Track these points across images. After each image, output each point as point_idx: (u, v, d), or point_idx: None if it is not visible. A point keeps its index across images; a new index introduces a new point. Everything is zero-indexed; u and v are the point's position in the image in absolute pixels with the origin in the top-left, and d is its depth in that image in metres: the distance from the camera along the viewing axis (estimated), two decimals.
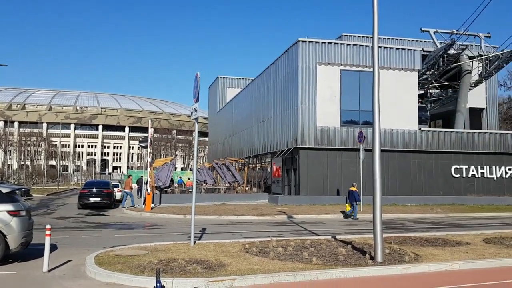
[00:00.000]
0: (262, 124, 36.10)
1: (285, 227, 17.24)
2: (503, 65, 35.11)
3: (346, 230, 16.20)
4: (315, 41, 29.07)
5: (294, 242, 11.36)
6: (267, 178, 36.18)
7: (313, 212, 22.62)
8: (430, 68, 34.60)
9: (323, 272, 8.28)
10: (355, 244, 11.26)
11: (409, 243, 11.78)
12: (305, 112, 28.50)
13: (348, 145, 28.79)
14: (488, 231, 14.81)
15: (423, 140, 30.35)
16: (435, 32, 35.09)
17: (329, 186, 28.71)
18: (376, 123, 9.82)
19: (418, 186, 30.21)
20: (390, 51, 30.19)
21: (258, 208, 23.92)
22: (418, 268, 8.98)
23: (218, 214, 21.12)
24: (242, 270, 8.31)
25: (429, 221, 20.29)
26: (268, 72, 35.11)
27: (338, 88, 29.06)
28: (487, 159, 31.54)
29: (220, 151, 51.84)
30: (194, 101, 11.48)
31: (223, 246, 11.00)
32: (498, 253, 10.47)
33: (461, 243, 11.89)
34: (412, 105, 30.47)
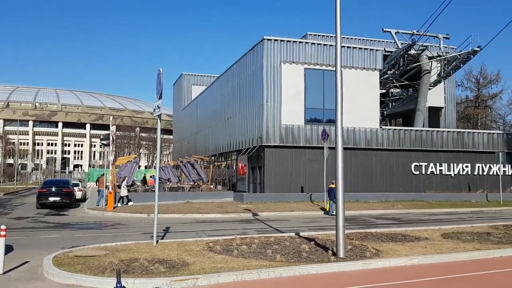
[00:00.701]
0: (227, 122, 36.00)
1: (250, 224, 17.25)
2: (460, 65, 36.41)
3: (310, 227, 16.38)
4: (280, 40, 29.22)
5: (258, 240, 11.37)
6: (232, 176, 36.13)
7: (278, 209, 22.75)
8: (391, 68, 35.50)
9: (287, 269, 8.32)
10: (318, 241, 11.39)
11: (371, 239, 12.02)
12: (270, 110, 28.61)
13: (312, 143, 29.12)
14: (446, 226, 15.31)
15: (384, 138, 31.07)
16: (397, 32, 36.00)
17: (294, 183, 28.95)
18: (338, 122, 9.96)
19: (379, 183, 30.90)
20: (353, 50, 30.71)
21: (223, 206, 23.85)
22: (379, 264, 9.17)
23: (182, 212, 20.91)
24: (206, 269, 8.25)
25: (390, 217, 20.79)
26: (234, 69, 35.03)
27: (302, 86, 29.33)
28: (445, 157, 32.62)
29: (185, 149, 51.37)
30: (157, 98, 11.29)
31: (187, 245, 10.89)
32: (455, 248, 10.83)
33: (420, 238, 12.23)
34: (374, 104, 31.13)
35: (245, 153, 31.14)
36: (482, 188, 32.54)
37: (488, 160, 33.30)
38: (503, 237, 12.56)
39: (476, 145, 33.38)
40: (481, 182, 33.14)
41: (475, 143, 33.42)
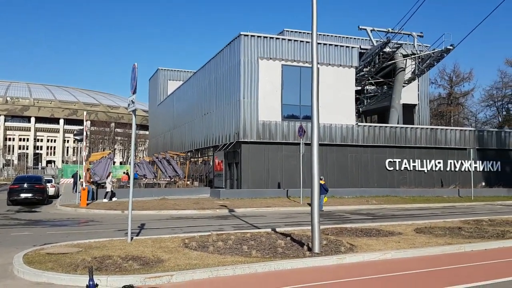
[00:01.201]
0: (204, 118, 35.81)
1: (226, 221, 17.22)
2: (434, 63, 37.12)
3: (286, 222, 16.45)
4: (257, 36, 29.19)
5: (234, 236, 11.36)
6: (209, 172, 36.00)
7: (254, 205, 22.78)
8: (367, 65, 35.93)
9: (262, 265, 8.34)
10: (294, 236, 11.45)
11: (345, 234, 12.15)
12: (247, 106, 28.58)
13: (289, 139, 29.24)
14: (419, 221, 15.60)
15: (359, 134, 31.43)
16: (372, 30, 36.43)
17: (271, 179, 29.04)
18: (314, 118, 10.01)
19: (354, 178, 31.28)
20: (329, 47, 30.92)
21: (200, 202, 23.75)
22: (353, 258, 9.28)
23: (158, 209, 20.72)
24: (181, 265, 8.19)
25: (364, 213, 21.08)
26: (211, 65, 34.83)
27: (279, 83, 29.39)
28: (419, 153, 33.24)
29: (161, 145, 50.91)
30: (131, 93, 11.13)
31: (162, 241, 10.79)
32: (427, 242, 11.04)
33: (394, 233, 12.44)
34: (350, 101, 31.44)
35: (222, 149, 31.05)
36: (454, 184, 33.31)
37: (460, 156, 34.09)
38: (474, 231, 12.87)
39: (448, 142, 34.12)
40: (453, 178, 33.91)
41: (448, 139, 34.17)
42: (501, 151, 35.97)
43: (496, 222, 15.30)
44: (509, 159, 36.38)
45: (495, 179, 34.89)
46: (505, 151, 36.15)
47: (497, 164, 35.76)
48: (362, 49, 34.75)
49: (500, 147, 35.91)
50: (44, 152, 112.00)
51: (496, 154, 35.81)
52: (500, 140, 36.17)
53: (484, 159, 35.31)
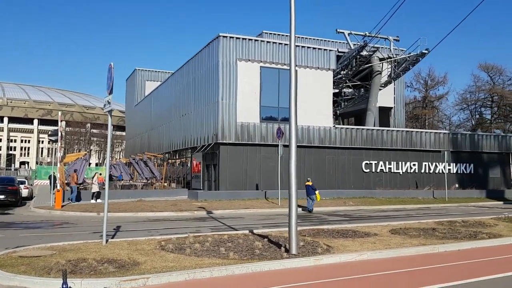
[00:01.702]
0: (182, 119, 35.59)
1: (204, 222, 17.14)
2: (409, 67, 37.78)
3: (264, 224, 16.47)
4: (236, 37, 29.19)
5: (211, 238, 11.31)
6: (187, 173, 35.78)
7: (232, 207, 22.74)
8: (344, 68, 36.33)
9: (239, 267, 8.32)
10: (271, 238, 11.48)
11: (322, 235, 12.25)
12: (225, 107, 28.53)
13: (267, 140, 29.31)
14: (394, 223, 15.84)
15: (337, 136, 31.74)
16: (349, 33, 36.84)
17: (249, 181, 29.04)
18: (292, 120, 10.07)
19: (332, 180, 31.55)
20: (308, 50, 31.15)
21: (177, 204, 23.56)
22: (330, 259, 9.35)
23: (134, 211, 20.47)
24: (157, 268, 8.11)
25: (341, 214, 21.28)
26: (189, 66, 34.66)
27: (258, 84, 29.45)
28: (394, 155, 33.76)
29: (138, 146, 50.35)
30: (107, 93, 10.99)
31: (138, 244, 10.67)
32: (402, 243, 11.22)
33: (370, 234, 12.59)
34: (328, 103, 31.73)
35: (200, 151, 30.91)
36: (429, 186, 33.94)
37: (434, 158, 34.77)
38: (447, 232, 13.13)
39: (423, 144, 34.76)
40: (427, 179, 34.56)
41: (423, 142, 34.81)
42: (474, 153, 36.85)
43: (469, 223, 15.64)
44: (482, 162, 37.31)
45: (468, 181, 35.71)
46: (478, 153, 37.05)
47: (470, 166, 36.62)
48: (339, 52, 35.12)
49: (473, 150, 36.78)
50: (17, 153, 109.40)
51: (469, 156, 36.67)
52: (473, 143, 37.05)
53: (458, 161, 36.11)
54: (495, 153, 37.85)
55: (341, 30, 36.97)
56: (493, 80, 62.73)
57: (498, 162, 38.08)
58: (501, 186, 37.13)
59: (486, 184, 36.43)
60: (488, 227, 14.62)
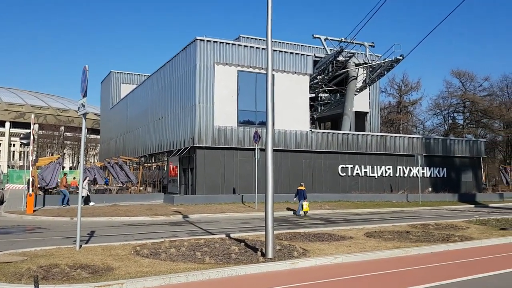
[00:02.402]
0: (158, 122, 35.28)
1: (180, 227, 17.00)
2: (384, 73, 38.43)
3: (240, 228, 16.44)
4: (213, 41, 29.16)
5: (187, 242, 11.23)
6: (163, 177, 35.45)
7: (209, 211, 22.63)
8: (321, 73, 36.69)
9: (215, 271, 8.28)
10: (248, 242, 11.46)
11: (299, 239, 12.30)
12: (202, 111, 28.43)
13: (244, 144, 29.32)
14: (370, 226, 16.04)
15: (313, 140, 31.99)
16: (326, 39, 37.28)
17: (226, 185, 28.98)
18: (269, 124, 10.10)
19: (308, 184, 31.61)
20: (285, 55, 31.37)
21: (153, 209, 23.31)
22: (306, 263, 9.40)
23: (109, 215, 20.14)
24: (131, 273, 7.99)
25: (318, 217, 21.42)
26: (165, 69, 34.42)
27: (235, 88, 29.46)
28: (370, 159, 34.24)
29: (113, 150, 49.63)
30: (82, 96, 10.82)
31: (112, 249, 10.50)
32: (377, 246, 11.36)
33: (345, 238, 12.71)
34: (304, 108, 31.98)
35: (177, 154, 30.69)
36: (403, 189, 34.52)
37: (408, 162, 35.40)
38: (421, 235, 13.36)
39: (397, 149, 35.36)
40: (402, 183, 35.14)
41: (397, 146, 35.41)
42: (447, 158, 37.69)
43: (442, 226, 15.95)
44: (454, 166, 38.18)
45: (441, 185, 36.48)
46: (450, 158, 37.90)
47: (443, 171, 37.43)
48: (316, 57, 35.48)
49: (446, 154, 37.62)
50: None
51: (442, 160, 37.48)
52: (446, 147, 37.90)
53: (431, 165, 36.86)
54: (467, 158, 38.79)
55: (317, 36, 37.38)
56: (464, 86, 64.36)
57: (470, 166, 39.04)
58: (473, 190, 38.05)
59: (458, 188, 37.28)
60: (460, 230, 14.94)
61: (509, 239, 13.24)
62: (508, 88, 65.15)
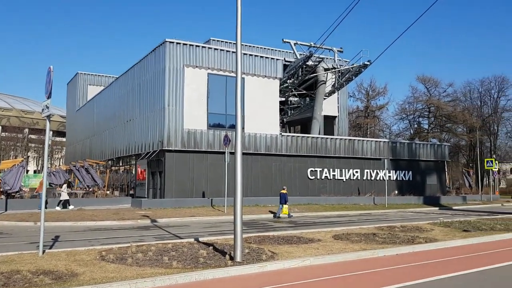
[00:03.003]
0: (126, 125, 34.72)
1: (148, 231, 16.76)
2: (352, 77, 39.08)
3: (210, 232, 16.36)
4: (183, 43, 28.97)
5: (155, 247, 11.08)
6: (131, 181, 34.88)
7: (178, 215, 22.41)
8: (290, 77, 37.00)
9: (183, 276, 8.20)
10: (216, 246, 11.41)
11: (268, 242, 12.33)
12: (172, 114, 28.17)
13: (214, 148, 29.21)
14: (337, 228, 16.24)
15: (283, 144, 32.19)
16: (296, 43, 37.65)
17: (195, 188, 28.77)
18: (238, 127, 10.11)
19: (278, 187, 31.72)
20: (255, 58, 31.48)
21: (120, 213, 22.89)
22: (274, 266, 9.42)
23: (74, 220, 19.66)
24: (96, 279, 7.82)
25: (287, 220, 21.53)
26: (134, 70, 33.95)
27: (205, 91, 29.34)
28: (338, 162, 34.71)
29: (79, 153, 48.50)
30: (46, 97, 10.55)
31: (77, 254, 10.25)
32: (344, 248, 11.51)
33: (314, 240, 12.82)
34: (274, 111, 32.15)
35: (145, 158, 30.28)
36: (370, 192, 35.15)
37: (375, 166, 36.09)
38: (387, 237, 13.63)
39: (365, 152, 36.00)
40: (369, 186, 35.79)
41: (364, 150, 36.05)
42: (412, 161, 38.63)
43: (407, 228, 16.33)
44: (420, 169, 39.18)
45: (407, 188, 37.36)
46: (416, 161, 38.87)
47: (408, 174, 38.34)
48: (286, 61, 35.77)
49: (411, 158, 38.55)
50: None
51: (408, 164, 38.39)
52: (412, 151, 38.85)
53: (397, 169, 37.69)
54: (431, 161, 39.88)
55: (287, 40, 37.70)
56: (429, 92, 66.28)
57: (434, 169, 40.15)
58: (437, 193, 39.14)
59: (423, 191, 38.27)
60: (424, 231, 15.32)
61: (471, 240, 13.67)
62: (471, 94, 67.61)
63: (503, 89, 65.45)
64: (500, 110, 65.71)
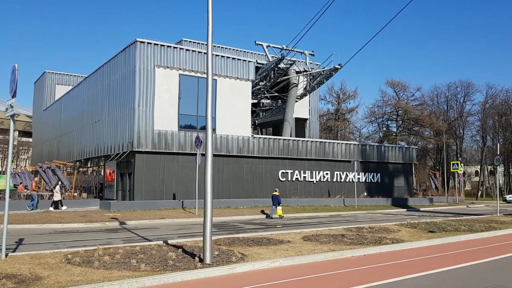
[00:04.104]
0: (95, 125, 34.06)
1: (116, 234, 16.48)
2: (324, 81, 39.57)
3: (179, 234, 16.23)
4: (154, 43, 28.66)
5: (123, 250, 10.91)
6: (99, 183, 34.22)
7: (147, 217, 22.14)
8: (263, 79, 37.17)
9: (151, 278, 8.10)
10: (186, 248, 11.33)
11: (238, 244, 12.33)
12: (142, 114, 27.81)
13: (185, 149, 29.00)
14: (307, 230, 16.38)
15: (255, 146, 32.26)
16: (268, 46, 37.83)
17: (166, 190, 28.48)
18: (208, 129, 10.08)
19: (250, 189, 31.95)
20: (227, 60, 31.43)
21: (88, 215, 22.43)
22: (243, 268, 9.43)
23: (40, 222, 19.14)
24: (61, 282, 7.64)
25: (258, 222, 21.58)
26: (103, 70, 33.35)
27: (177, 92, 29.10)
28: (309, 164, 35.03)
29: (46, 154, 47.27)
30: (11, 96, 10.25)
31: (42, 257, 9.99)
32: (313, 249, 11.62)
33: (283, 242, 12.90)
34: (246, 113, 32.17)
35: (114, 159, 29.77)
36: (340, 194, 35.63)
37: (345, 168, 36.61)
38: (355, 238, 13.84)
39: (335, 155, 36.47)
40: (339, 188, 36.26)
41: (335, 152, 36.51)
42: (381, 163, 39.37)
43: (375, 229, 16.62)
44: (388, 171, 39.97)
45: (375, 190, 38.04)
46: (384, 163, 39.63)
47: (377, 176, 39.05)
48: (258, 64, 35.89)
49: (380, 160, 39.29)
50: None
51: (376, 166, 39.11)
52: (380, 153, 39.59)
53: (366, 171, 38.35)
54: (399, 164, 40.75)
55: (259, 42, 37.85)
56: (398, 96, 67.73)
57: (402, 172, 41.04)
58: (405, 194, 40.01)
59: (391, 193, 39.06)
60: (392, 232, 15.64)
61: (436, 241, 14.03)
62: (438, 98, 69.50)
63: (468, 94, 67.65)
64: (465, 114, 67.81)
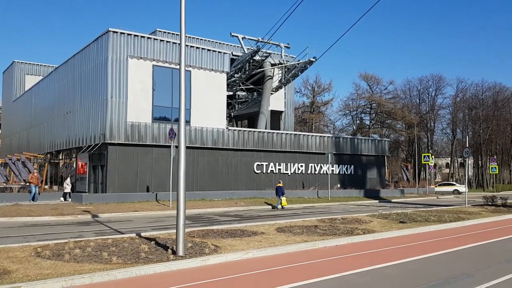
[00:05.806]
0: (66, 117, 33.35)
1: (88, 227, 16.25)
2: (298, 73, 39.71)
3: (153, 227, 16.12)
4: (127, 33, 28.15)
5: (94, 243, 10.78)
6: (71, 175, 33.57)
7: (120, 210, 21.88)
8: (238, 71, 37.03)
9: (123, 271, 8.04)
10: (159, 240, 11.28)
11: (211, 236, 12.34)
12: (115, 106, 27.36)
13: (159, 141, 28.71)
14: (281, 221, 16.53)
15: (230, 138, 32.20)
16: (243, 38, 37.67)
17: (139, 183, 28.18)
18: (181, 120, 10.02)
19: (224, 181, 31.93)
20: (202, 52, 31.17)
21: (59, 208, 22.01)
22: (217, 259, 9.45)
23: (9, 216, 18.71)
24: (30, 276, 7.51)
25: (232, 214, 21.63)
26: (75, 60, 32.61)
27: (150, 83, 28.73)
28: (284, 157, 35.22)
29: (15, 145, 46.07)
30: None
31: (10, 251, 9.78)
32: (286, 241, 11.74)
33: (257, 233, 12.99)
34: (221, 105, 32.04)
35: (86, 151, 29.26)
36: (314, 186, 35.99)
37: (319, 160, 36.97)
38: (328, 229, 14.05)
39: (310, 147, 36.77)
40: (313, 180, 36.62)
41: (309, 145, 36.81)
42: (354, 156, 39.92)
43: (348, 220, 16.90)
44: (361, 163, 40.56)
45: (349, 181, 38.58)
46: (357, 156, 40.20)
47: (351, 168, 39.59)
48: (234, 56, 35.71)
49: (353, 152, 39.82)
50: None
51: (350, 158, 39.63)
52: (354, 146, 40.12)
53: (340, 163, 38.83)
54: (372, 156, 41.40)
55: (235, 34, 37.64)
56: (371, 89, 68.69)
57: (375, 164, 41.72)
58: (377, 186, 40.72)
59: (364, 184, 39.69)
60: (364, 223, 15.93)
61: (407, 231, 14.38)
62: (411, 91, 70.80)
63: (440, 88, 69.14)
64: (437, 107, 69.34)
